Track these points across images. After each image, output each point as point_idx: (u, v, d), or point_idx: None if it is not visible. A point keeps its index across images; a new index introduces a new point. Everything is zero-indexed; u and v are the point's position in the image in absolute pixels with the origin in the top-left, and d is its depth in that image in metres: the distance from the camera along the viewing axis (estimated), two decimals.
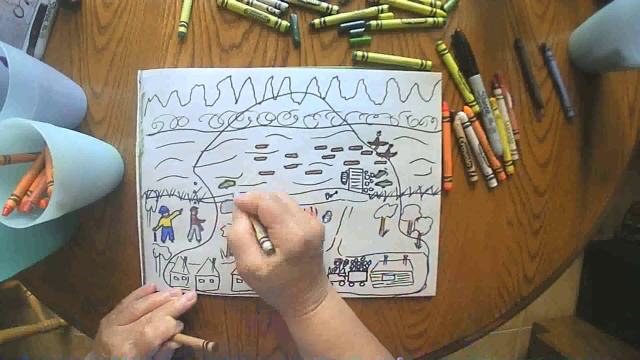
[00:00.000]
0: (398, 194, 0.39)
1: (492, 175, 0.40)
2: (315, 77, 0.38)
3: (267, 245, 0.32)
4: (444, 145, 0.39)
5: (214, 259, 0.39)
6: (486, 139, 0.40)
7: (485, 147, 0.39)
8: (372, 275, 0.39)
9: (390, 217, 0.39)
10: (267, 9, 0.38)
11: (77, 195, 0.30)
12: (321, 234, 0.34)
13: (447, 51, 0.39)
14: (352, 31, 0.38)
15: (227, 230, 0.37)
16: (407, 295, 0.40)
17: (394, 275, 0.40)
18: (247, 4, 0.38)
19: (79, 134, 0.34)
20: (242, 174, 0.38)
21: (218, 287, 0.39)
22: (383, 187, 0.39)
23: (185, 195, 0.38)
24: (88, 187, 0.32)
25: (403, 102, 0.38)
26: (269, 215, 0.32)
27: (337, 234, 0.39)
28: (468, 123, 0.39)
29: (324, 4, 0.38)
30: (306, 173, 0.38)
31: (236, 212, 0.35)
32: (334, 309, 0.35)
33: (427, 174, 0.39)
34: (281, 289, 0.32)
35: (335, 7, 0.38)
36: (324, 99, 0.38)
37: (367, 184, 0.39)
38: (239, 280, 0.39)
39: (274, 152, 0.38)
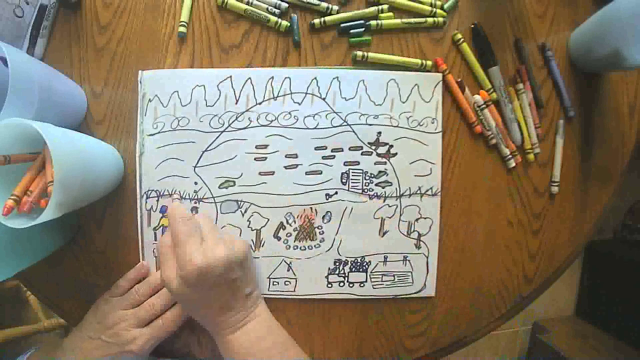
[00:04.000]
0: (398, 194, 0.39)
1: (510, 156, 0.40)
2: (315, 78, 0.38)
3: None
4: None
5: None
6: (502, 124, 0.40)
7: (502, 130, 0.39)
8: (371, 276, 0.39)
9: (390, 217, 0.39)
10: (267, 9, 0.38)
11: (77, 195, 0.30)
12: (227, 262, 0.31)
13: (463, 40, 0.39)
14: (352, 31, 0.38)
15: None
16: (407, 296, 0.40)
17: (394, 275, 0.40)
18: (247, 4, 0.38)
19: (79, 134, 0.34)
20: (242, 174, 0.38)
21: None
22: (383, 187, 0.39)
23: (185, 195, 0.38)
24: (88, 187, 0.32)
25: (403, 102, 0.38)
26: (174, 237, 0.33)
27: (337, 234, 0.39)
28: (484, 106, 0.39)
29: (324, 4, 0.38)
30: (306, 173, 0.38)
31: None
32: (261, 331, 0.34)
33: (427, 175, 0.39)
34: (190, 307, 0.34)
35: (335, 7, 0.38)
36: (324, 99, 0.38)
37: (367, 184, 0.39)
38: None
39: (274, 152, 0.38)
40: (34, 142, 0.30)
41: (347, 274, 0.39)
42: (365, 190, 0.39)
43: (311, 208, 0.39)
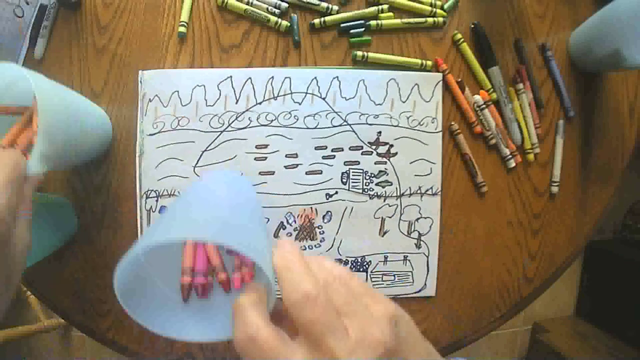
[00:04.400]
0: (398, 194, 0.39)
1: (510, 156, 0.40)
2: (315, 78, 0.38)
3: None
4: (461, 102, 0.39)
5: None
6: (502, 124, 0.40)
7: (501, 130, 0.39)
8: (372, 276, 0.39)
9: (390, 217, 0.39)
10: (267, 9, 0.38)
11: (61, 149, 0.29)
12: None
13: (463, 41, 0.39)
14: (352, 31, 0.38)
15: None
16: (407, 296, 0.40)
17: (394, 275, 0.40)
18: (247, 4, 0.38)
19: (69, 90, 0.33)
20: (242, 174, 0.38)
21: None
22: (383, 187, 0.39)
23: None
24: (73, 142, 0.32)
25: (403, 102, 0.39)
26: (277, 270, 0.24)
27: (337, 234, 0.39)
28: (484, 106, 0.39)
29: (324, 4, 0.38)
30: (306, 173, 0.38)
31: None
32: None
33: (427, 175, 0.39)
34: None
35: (335, 7, 0.38)
36: (324, 99, 0.38)
37: (367, 184, 0.39)
38: None
39: (274, 152, 0.38)
40: (23, 96, 0.30)
41: None
42: (366, 190, 0.39)
43: (311, 208, 0.39)
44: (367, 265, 0.39)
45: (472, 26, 0.40)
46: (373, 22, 0.38)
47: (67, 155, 0.32)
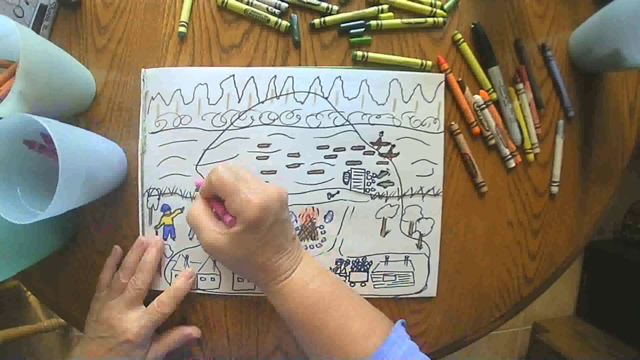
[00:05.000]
0: (400, 194, 0.39)
1: (510, 157, 0.40)
2: (318, 77, 0.38)
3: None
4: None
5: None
6: (502, 124, 0.40)
7: (501, 130, 0.39)
8: (373, 276, 0.39)
9: (391, 217, 0.39)
10: (267, 9, 0.38)
11: (42, 91, 0.30)
12: (280, 199, 0.31)
13: (463, 40, 0.39)
14: (352, 31, 0.38)
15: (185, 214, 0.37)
16: (408, 296, 0.40)
17: (395, 275, 0.40)
18: (247, 4, 0.38)
19: (54, 45, 0.33)
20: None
21: (219, 285, 0.39)
22: (385, 187, 0.39)
23: (187, 194, 0.38)
24: (56, 87, 0.32)
25: (406, 102, 0.39)
26: (221, 187, 0.31)
27: (338, 234, 0.39)
28: (484, 106, 0.39)
29: (324, 4, 0.38)
30: (308, 172, 0.38)
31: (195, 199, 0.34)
32: (310, 273, 0.33)
33: (429, 175, 0.39)
34: (246, 259, 0.31)
35: (335, 7, 0.38)
36: (326, 98, 0.38)
37: (369, 184, 0.39)
38: (239, 279, 0.39)
39: (276, 151, 0.38)
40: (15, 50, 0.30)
41: (348, 274, 0.39)
42: (367, 190, 0.39)
43: (313, 207, 0.39)
44: (368, 265, 0.39)
45: (472, 26, 0.40)
46: (373, 22, 0.38)
47: (47, 100, 0.32)
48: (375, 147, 0.39)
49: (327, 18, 0.38)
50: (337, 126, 0.38)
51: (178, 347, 0.38)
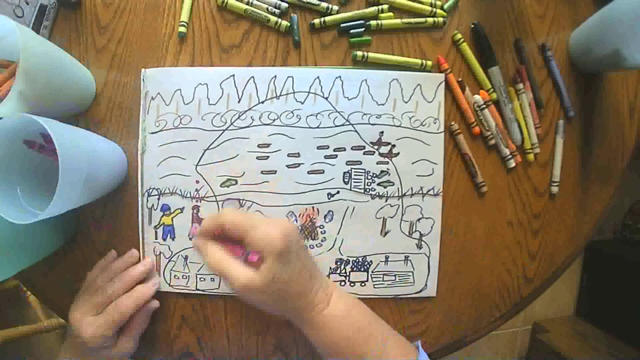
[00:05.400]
0: (400, 194, 0.39)
1: (510, 157, 0.40)
2: (318, 77, 0.38)
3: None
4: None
5: None
6: (502, 124, 0.40)
7: (501, 130, 0.39)
8: (373, 276, 0.39)
9: (391, 217, 0.39)
10: (267, 9, 0.38)
11: (42, 91, 0.30)
12: (292, 226, 0.32)
13: (463, 40, 0.39)
14: (352, 31, 0.38)
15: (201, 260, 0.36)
16: (408, 296, 0.40)
17: (395, 275, 0.40)
18: (247, 4, 0.38)
19: (54, 45, 0.33)
20: (244, 173, 0.38)
21: (219, 286, 0.39)
22: (385, 187, 0.39)
23: (187, 194, 0.38)
24: (56, 87, 0.33)
25: (406, 102, 0.39)
26: (239, 227, 0.30)
27: (338, 234, 0.39)
28: (484, 106, 0.39)
29: (324, 4, 0.38)
30: (308, 172, 0.38)
31: (199, 245, 0.32)
32: (347, 302, 0.33)
33: (429, 175, 0.39)
34: (284, 292, 0.30)
35: (335, 7, 0.38)
36: (326, 98, 0.38)
37: (369, 184, 0.39)
38: None
39: (276, 151, 0.38)
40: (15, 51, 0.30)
41: (348, 274, 0.39)
42: (367, 190, 0.39)
43: (313, 207, 0.39)
44: (368, 265, 0.39)
45: (472, 26, 0.40)
46: (373, 22, 0.38)
47: (47, 100, 0.32)
48: (376, 147, 0.39)
49: (327, 18, 0.38)
50: (337, 126, 0.38)
51: (146, 325, 0.37)
